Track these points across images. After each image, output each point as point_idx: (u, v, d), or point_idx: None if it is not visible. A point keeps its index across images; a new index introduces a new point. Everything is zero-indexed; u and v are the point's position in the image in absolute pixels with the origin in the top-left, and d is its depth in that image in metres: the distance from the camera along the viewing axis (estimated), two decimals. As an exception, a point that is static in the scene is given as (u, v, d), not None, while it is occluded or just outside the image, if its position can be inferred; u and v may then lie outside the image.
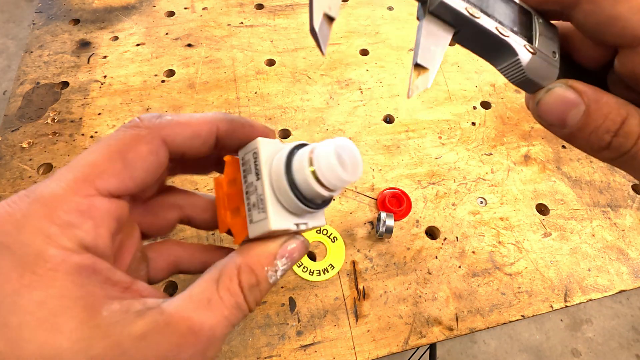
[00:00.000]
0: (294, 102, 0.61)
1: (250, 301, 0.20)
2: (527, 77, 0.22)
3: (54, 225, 0.16)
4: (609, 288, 0.47)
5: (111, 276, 0.17)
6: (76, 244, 0.16)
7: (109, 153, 0.18)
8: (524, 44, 0.22)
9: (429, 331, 0.43)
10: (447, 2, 0.20)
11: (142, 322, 0.16)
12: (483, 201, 0.53)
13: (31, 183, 0.51)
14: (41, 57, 0.64)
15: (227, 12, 0.72)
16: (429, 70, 0.21)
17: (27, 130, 0.56)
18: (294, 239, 0.21)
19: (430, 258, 0.48)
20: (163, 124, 0.20)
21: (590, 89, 0.20)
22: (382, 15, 0.73)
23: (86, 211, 0.17)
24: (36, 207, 0.16)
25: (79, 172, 0.18)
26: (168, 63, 0.64)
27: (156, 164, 0.20)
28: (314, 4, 0.18)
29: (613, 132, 0.19)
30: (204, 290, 0.19)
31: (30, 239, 0.16)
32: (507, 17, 0.22)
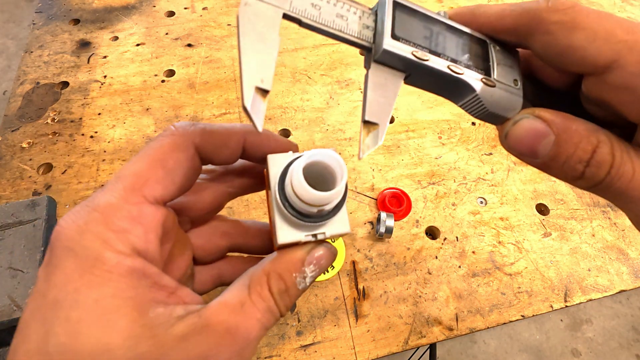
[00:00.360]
0: (294, 102, 0.61)
1: (281, 305, 0.20)
2: (489, 111, 0.21)
3: (110, 231, 0.18)
4: (609, 288, 0.47)
5: (159, 280, 0.19)
6: (129, 248, 0.18)
7: (151, 162, 0.20)
8: (481, 78, 0.21)
9: (429, 331, 0.43)
10: (391, 49, 0.20)
11: (183, 325, 0.18)
12: (483, 201, 0.53)
13: (31, 183, 0.51)
14: (41, 57, 0.64)
15: (227, 12, 0.72)
16: (379, 126, 0.20)
17: (27, 130, 0.56)
18: (321, 246, 0.22)
19: (430, 258, 0.48)
20: (196, 132, 0.21)
21: (559, 117, 0.19)
22: (382, 15, 0.73)
23: (137, 217, 0.18)
24: (95, 215, 0.18)
25: (127, 182, 0.19)
26: (168, 63, 0.64)
27: (192, 170, 0.21)
28: (244, 78, 0.18)
29: (585, 161, 0.19)
30: (236, 296, 0.20)
31: (90, 243, 0.17)
32: (460, 52, 0.21)
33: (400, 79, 0.21)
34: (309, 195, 0.19)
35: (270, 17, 0.19)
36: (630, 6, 0.78)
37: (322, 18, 0.20)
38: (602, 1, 0.79)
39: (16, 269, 0.35)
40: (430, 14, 0.22)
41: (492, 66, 0.22)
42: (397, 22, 0.20)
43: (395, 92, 0.21)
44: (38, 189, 0.50)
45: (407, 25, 0.20)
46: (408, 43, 0.20)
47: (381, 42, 0.20)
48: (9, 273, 0.35)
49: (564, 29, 0.19)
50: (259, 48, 0.18)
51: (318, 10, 0.20)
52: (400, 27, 0.20)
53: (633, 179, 0.18)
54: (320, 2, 0.20)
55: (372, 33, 0.20)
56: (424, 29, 0.21)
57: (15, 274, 0.35)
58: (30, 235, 0.37)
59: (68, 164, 0.53)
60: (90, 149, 0.54)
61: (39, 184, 0.51)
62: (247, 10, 0.18)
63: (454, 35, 0.21)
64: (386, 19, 0.20)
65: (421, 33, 0.21)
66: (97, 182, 0.51)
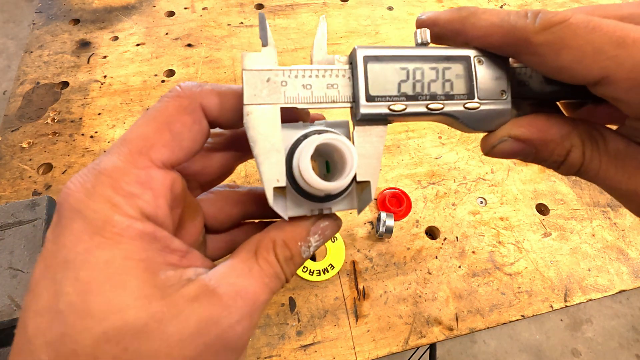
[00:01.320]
0: (294, 102, 0.61)
1: (287, 272, 0.21)
2: (474, 130, 0.22)
3: (119, 195, 0.17)
4: (609, 288, 0.47)
5: (169, 244, 0.19)
6: (138, 213, 0.18)
7: (157, 125, 0.19)
8: (463, 104, 0.22)
9: (429, 331, 0.43)
10: (367, 112, 0.21)
11: (194, 286, 0.18)
12: (483, 201, 0.53)
13: (31, 183, 0.51)
14: (41, 57, 0.64)
15: (227, 12, 0.72)
16: (370, 183, 0.21)
17: (27, 130, 0.56)
18: (326, 217, 0.22)
19: (430, 258, 0.48)
20: (203, 94, 0.21)
21: (536, 131, 0.21)
22: (382, 15, 0.73)
23: (145, 182, 0.18)
24: (103, 179, 0.18)
25: (134, 146, 0.19)
26: (168, 63, 0.64)
27: (201, 133, 0.21)
28: (265, 185, 0.20)
29: (560, 162, 0.22)
30: (244, 260, 0.20)
31: (99, 206, 0.17)
32: (440, 83, 0.22)
33: (384, 127, 0.22)
34: (316, 185, 0.19)
35: (271, 115, 0.20)
36: (630, 6, 0.78)
37: (314, 97, 0.21)
38: (602, 1, 0.79)
39: (16, 269, 0.35)
40: (403, 52, 0.22)
41: (475, 86, 0.22)
42: (370, 79, 0.21)
43: (381, 141, 0.22)
44: (38, 189, 0.50)
45: (380, 77, 0.21)
46: (383, 99, 0.21)
47: (358, 109, 0.21)
48: (9, 273, 0.35)
49: (551, 50, 0.19)
50: (268, 152, 0.20)
51: (309, 90, 0.21)
52: (374, 83, 0.21)
53: (599, 173, 0.21)
54: (310, 80, 0.21)
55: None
56: (400, 71, 0.21)
57: (15, 274, 0.35)
58: (30, 235, 0.37)
59: (68, 164, 0.53)
60: (90, 149, 0.54)
61: (39, 184, 0.51)
62: (251, 119, 0.20)
63: (432, 64, 0.22)
64: (360, 81, 0.21)
65: (397, 78, 0.21)
66: (97, 182, 0.51)
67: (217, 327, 0.17)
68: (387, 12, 0.74)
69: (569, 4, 0.78)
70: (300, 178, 0.19)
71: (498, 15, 0.21)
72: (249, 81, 0.20)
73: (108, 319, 0.16)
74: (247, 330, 0.19)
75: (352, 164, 0.19)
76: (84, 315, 0.16)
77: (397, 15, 0.74)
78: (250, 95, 0.20)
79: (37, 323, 0.16)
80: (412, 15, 0.74)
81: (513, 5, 0.77)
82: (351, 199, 0.22)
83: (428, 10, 0.24)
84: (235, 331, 0.18)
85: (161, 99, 0.20)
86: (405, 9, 0.75)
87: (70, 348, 0.15)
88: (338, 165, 0.21)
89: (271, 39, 0.21)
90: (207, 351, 0.17)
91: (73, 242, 0.17)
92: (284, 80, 0.21)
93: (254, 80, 0.20)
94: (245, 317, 0.18)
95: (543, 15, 0.19)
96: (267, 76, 0.21)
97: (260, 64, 0.21)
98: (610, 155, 0.21)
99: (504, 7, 0.76)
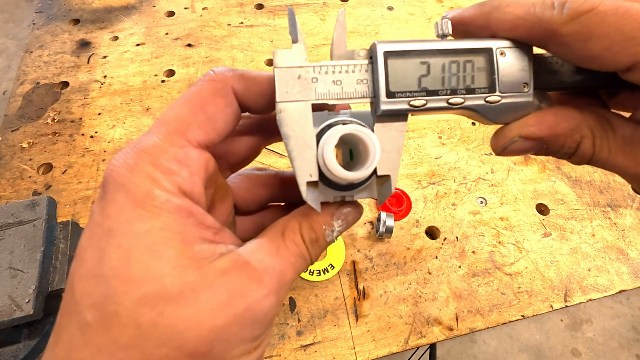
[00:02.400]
0: (294, 102, 0.61)
1: (312, 253, 0.22)
2: (495, 122, 0.22)
3: (158, 171, 0.19)
4: (609, 288, 0.47)
5: (203, 220, 0.20)
6: (176, 188, 0.19)
7: (192, 107, 0.20)
8: (484, 97, 0.21)
9: (429, 331, 0.43)
10: (387, 108, 0.21)
11: (225, 260, 0.19)
12: (483, 201, 0.53)
13: (31, 183, 0.51)
14: (41, 57, 0.64)
15: (227, 12, 0.72)
16: (390, 177, 0.22)
17: (27, 130, 0.56)
18: (349, 204, 0.23)
19: (430, 258, 0.48)
20: (235, 78, 0.22)
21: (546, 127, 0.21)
22: (382, 15, 0.73)
23: (183, 160, 0.19)
24: (144, 156, 0.19)
25: (171, 126, 0.20)
26: (168, 63, 0.64)
27: (233, 116, 0.22)
28: (298, 179, 0.21)
29: (570, 153, 0.22)
30: (272, 240, 0.21)
31: (141, 180, 0.18)
32: (461, 77, 0.21)
33: (404, 122, 0.22)
34: (339, 174, 0.19)
35: (303, 111, 0.21)
36: (630, 6, 0.78)
37: (344, 92, 0.21)
38: (602, 1, 0.79)
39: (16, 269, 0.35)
40: (424, 45, 0.21)
41: (496, 79, 0.22)
42: (390, 75, 0.21)
43: (401, 135, 0.22)
44: (38, 189, 0.50)
45: (401, 73, 0.21)
46: (404, 95, 0.21)
47: (378, 105, 0.21)
48: (9, 273, 0.35)
49: (579, 40, 0.19)
50: (301, 148, 0.21)
51: (340, 85, 0.21)
52: (394, 79, 0.21)
53: (608, 160, 0.22)
54: (340, 76, 0.21)
55: None
56: (420, 66, 0.21)
57: (15, 274, 0.35)
58: (30, 235, 0.37)
59: (68, 164, 0.53)
60: (90, 149, 0.54)
61: (39, 184, 0.51)
62: (283, 116, 0.21)
63: (453, 57, 0.21)
64: (380, 77, 0.21)
65: (417, 73, 0.21)
66: (97, 182, 0.51)
67: (246, 300, 0.18)
68: (387, 12, 0.74)
69: (569, 4, 0.78)
70: (324, 167, 0.20)
71: (522, 7, 0.20)
72: (280, 79, 0.21)
73: (146, 284, 0.17)
74: (273, 305, 0.19)
75: (375, 155, 0.19)
76: (125, 280, 0.17)
77: (397, 15, 0.74)
78: (283, 92, 0.21)
79: (83, 286, 0.17)
80: (412, 15, 0.74)
81: (513, 5, 0.77)
82: (372, 189, 0.22)
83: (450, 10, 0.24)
84: (263, 305, 0.19)
85: (196, 83, 0.21)
86: (405, 9, 0.75)
87: (113, 309, 0.17)
88: (361, 155, 0.21)
89: (301, 35, 0.21)
90: (235, 321, 0.18)
91: (117, 213, 0.18)
92: (315, 76, 0.21)
93: (285, 78, 0.21)
94: (272, 293, 0.19)
95: (570, 4, 0.19)
96: (298, 73, 0.21)
97: (291, 61, 0.21)
98: (618, 142, 0.21)
99: None
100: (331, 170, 0.19)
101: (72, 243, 0.39)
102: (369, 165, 0.19)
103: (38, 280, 0.35)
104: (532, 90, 0.22)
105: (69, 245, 0.38)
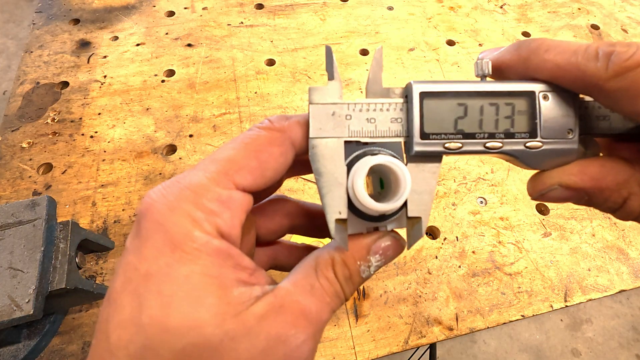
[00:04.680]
0: (294, 102, 0.61)
1: (347, 291, 0.21)
2: (538, 168, 0.21)
3: (199, 211, 0.18)
4: (609, 288, 0.47)
5: (241, 262, 0.19)
6: (215, 230, 0.18)
7: (246, 151, 0.20)
8: (524, 142, 0.20)
9: (429, 331, 0.43)
10: (422, 149, 0.20)
11: (262, 304, 0.18)
12: (483, 201, 0.53)
13: (31, 183, 0.51)
14: (41, 57, 0.64)
15: (227, 12, 0.72)
16: (421, 219, 0.21)
17: (27, 130, 0.56)
18: (388, 236, 0.22)
19: (430, 258, 0.48)
20: (292, 126, 0.21)
21: (589, 179, 0.20)
22: (382, 15, 0.73)
23: (226, 202, 0.19)
24: (186, 194, 0.18)
25: (221, 166, 0.19)
26: (168, 63, 0.64)
27: (284, 165, 0.21)
28: (328, 217, 0.20)
29: (615, 209, 0.20)
30: (305, 277, 0.20)
31: (181, 220, 0.18)
32: (500, 120, 0.20)
33: (437, 163, 0.21)
34: (370, 206, 0.19)
35: (335, 148, 0.21)
36: (630, 6, 0.78)
37: (378, 130, 0.21)
38: (602, 1, 0.79)
39: (16, 269, 0.35)
40: (462, 87, 0.21)
41: (538, 124, 0.20)
42: (425, 116, 0.20)
43: (434, 177, 0.21)
44: (38, 189, 0.50)
45: (437, 114, 0.20)
46: (438, 137, 0.20)
47: (412, 145, 0.20)
48: (9, 273, 0.35)
49: (626, 96, 0.18)
50: (332, 185, 0.20)
51: (373, 123, 0.21)
52: (430, 120, 0.20)
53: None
54: (374, 114, 0.21)
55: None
56: (457, 107, 0.21)
57: (15, 274, 0.35)
58: (30, 235, 0.37)
59: (68, 164, 0.53)
60: (90, 149, 0.54)
61: (39, 184, 0.51)
62: (316, 152, 0.21)
63: (492, 101, 0.21)
64: (415, 117, 0.20)
65: (454, 115, 0.20)
66: (97, 182, 0.51)
67: (285, 347, 0.18)
68: (387, 12, 0.74)
69: (569, 4, 0.78)
70: (355, 198, 0.20)
71: (563, 54, 0.19)
72: (315, 115, 0.21)
73: (187, 334, 0.16)
74: (312, 351, 0.19)
75: (406, 186, 0.19)
76: (165, 330, 0.16)
77: (397, 15, 0.74)
78: (316, 128, 0.21)
79: (120, 334, 0.17)
80: (412, 15, 0.74)
81: (513, 5, 0.77)
82: (402, 220, 0.22)
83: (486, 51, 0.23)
84: (302, 351, 0.18)
85: (252, 128, 0.21)
86: (405, 9, 0.75)
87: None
88: (392, 185, 0.21)
89: (337, 73, 0.21)
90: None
91: (155, 255, 0.17)
92: (349, 114, 0.21)
93: (319, 114, 0.21)
94: (310, 337, 0.19)
95: (616, 57, 0.17)
96: (333, 110, 0.21)
97: (326, 98, 0.21)
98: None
99: (504, 7, 0.76)
100: (362, 202, 0.19)
101: (72, 243, 0.39)
102: (399, 197, 0.19)
103: (38, 280, 0.35)
104: (578, 136, 0.20)
105: (69, 245, 0.38)
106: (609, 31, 0.73)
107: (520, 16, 0.75)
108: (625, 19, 0.76)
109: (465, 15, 0.74)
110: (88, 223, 0.48)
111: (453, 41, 0.70)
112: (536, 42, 0.20)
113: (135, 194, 0.51)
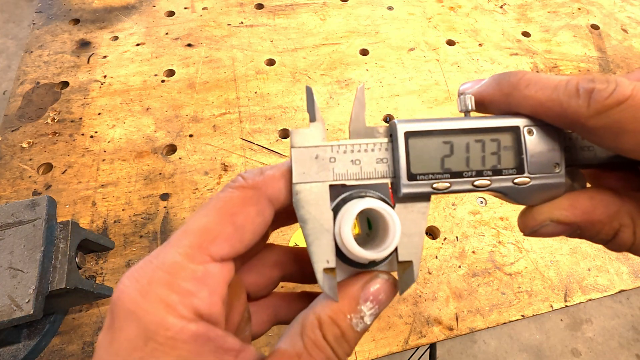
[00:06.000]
0: (294, 102, 0.61)
1: (340, 353, 0.19)
2: (526, 204, 0.21)
3: (174, 293, 0.17)
4: (609, 288, 0.47)
5: (223, 344, 0.18)
6: (192, 313, 0.17)
7: (220, 217, 0.19)
8: (512, 179, 0.20)
9: (429, 331, 0.43)
10: (409, 191, 0.20)
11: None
12: (483, 201, 0.53)
13: (31, 183, 0.51)
14: (41, 57, 0.64)
15: (227, 12, 0.72)
16: (412, 263, 0.20)
17: (27, 130, 0.56)
18: (377, 278, 0.20)
19: (430, 258, 0.48)
20: (267, 182, 0.20)
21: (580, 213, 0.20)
22: (382, 15, 0.73)
23: (202, 279, 0.18)
24: (159, 275, 0.17)
25: (194, 239, 0.18)
26: (168, 63, 0.64)
27: (263, 225, 0.20)
28: (315, 266, 0.19)
29: (607, 240, 0.20)
30: (292, 346, 0.19)
31: (153, 307, 0.17)
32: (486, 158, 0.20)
33: (426, 203, 0.21)
34: (360, 254, 0.18)
35: (320, 193, 0.20)
36: (630, 6, 0.78)
37: (363, 172, 0.20)
38: (602, 1, 0.79)
39: (16, 269, 0.35)
40: (446, 124, 0.20)
41: (525, 159, 0.20)
42: (411, 156, 0.20)
43: (423, 217, 0.21)
44: (38, 189, 0.50)
45: (423, 154, 0.20)
46: (426, 177, 0.20)
47: (399, 187, 0.20)
48: (9, 273, 0.35)
49: (609, 133, 0.17)
50: (318, 232, 0.19)
51: (358, 165, 0.20)
52: (416, 160, 0.20)
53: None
54: (359, 155, 0.20)
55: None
56: (443, 146, 0.20)
57: (15, 274, 0.35)
58: (30, 235, 0.37)
59: (68, 164, 0.53)
60: (90, 149, 0.54)
61: (39, 184, 0.51)
62: (300, 198, 0.20)
63: (478, 137, 0.20)
64: (401, 158, 0.20)
65: (440, 153, 0.20)
66: (97, 182, 0.51)
67: None
68: (387, 12, 0.74)
69: (569, 4, 0.78)
70: (342, 245, 0.19)
71: (544, 91, 0.19)
72: (297, 159, 0.20)
73: None
74: None
75: (395, 232, 0.19)
76: None
77: (397, 15, 0.74)
78: (299, 173, 0.20)
79: None
80: (412, 15, 0.74)
81: (513, 5, 0.77)
82: (393, 263, 0.21)
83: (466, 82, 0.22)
84: None
85: (224, 189, 0.20)
86: (405, 9, 0.75)
87: None
88: (380, 229, 0.20)
89: (319, 114, 0.21)
90: None
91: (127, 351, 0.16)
92: (332, 156, 0.20)
93: (302, 158, 0.20)
94: None
95: (597, 96, 0.17)
96: (316, 153, 0.20)
97: (309, 141, 0.20)
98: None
99: (504, 6, 0.76)
100: (350, 251, 0.18)
101: (72, 243, 0.39)
102: (390, 244, 0.19)
103: (38, 280, 0.35)
104: (564, 170, 0.20)
105: (69, 245, 0.38)
106: (609, 31, 0.73)
107: (520, 16, 0.75)
108: (625, 19, 0.76)
109: (465, 15, 0.74)
110: (88, 223, 0.48)
111: (453, 41, 0.70)
112: (516, 77, 0.20)
113: (135, 194, 0.51)
